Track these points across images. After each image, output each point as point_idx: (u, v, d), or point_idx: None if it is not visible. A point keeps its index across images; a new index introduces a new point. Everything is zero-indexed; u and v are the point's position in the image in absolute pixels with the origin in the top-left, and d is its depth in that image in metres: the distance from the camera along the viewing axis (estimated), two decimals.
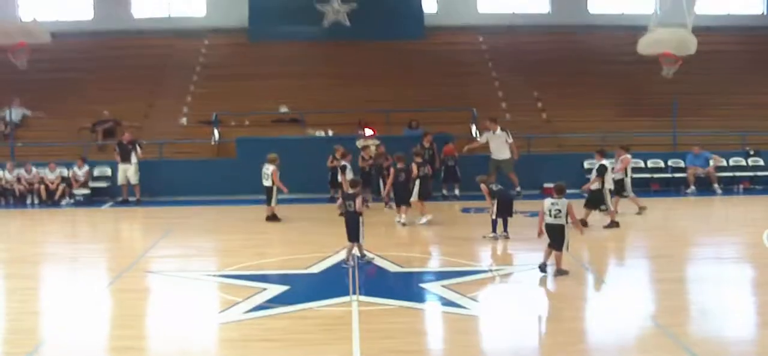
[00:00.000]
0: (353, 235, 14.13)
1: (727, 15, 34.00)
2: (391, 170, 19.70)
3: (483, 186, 17.10)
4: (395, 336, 10.21)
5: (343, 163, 20.51)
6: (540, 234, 13.45)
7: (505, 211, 16.80)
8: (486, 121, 23.93)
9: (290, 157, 21.99)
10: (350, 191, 14.52)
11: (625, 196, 19.80)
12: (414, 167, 18.98)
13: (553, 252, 13.27)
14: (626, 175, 19.94)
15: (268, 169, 19.04)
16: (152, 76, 30.13)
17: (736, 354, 9.70)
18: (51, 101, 28.18)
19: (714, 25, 32.53)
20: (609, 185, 18.45)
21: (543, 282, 13.40)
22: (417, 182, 18.80)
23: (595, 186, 18.28)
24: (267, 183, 19.10)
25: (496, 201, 16.72)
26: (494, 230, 16.71)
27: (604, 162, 18.58)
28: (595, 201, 18.32)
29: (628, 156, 20.05)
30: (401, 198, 19.00)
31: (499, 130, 23.52)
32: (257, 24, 32.29)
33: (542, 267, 13.29)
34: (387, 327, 10.62)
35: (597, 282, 13.31)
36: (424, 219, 18.59)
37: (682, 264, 15.10)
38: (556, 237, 13.24)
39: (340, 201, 14.98)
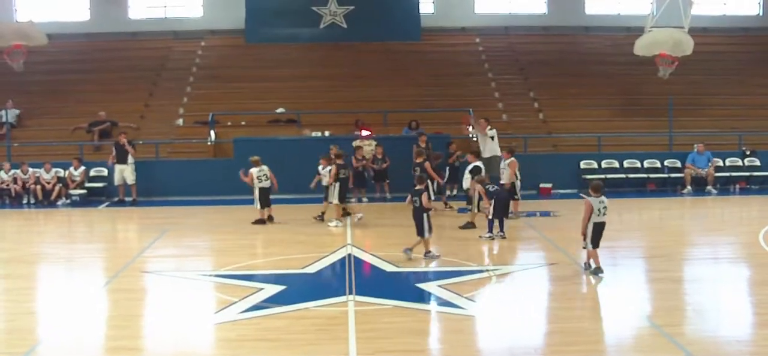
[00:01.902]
0: (420, 230, 14.51)
1: (723, 16, 34.06)
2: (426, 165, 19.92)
3: (479, 187, 17.13)
4: (391, 336, 10.20)
5: (475, 163, 19.34)
6: (584, 234, 13.15)
7: (501, 212, 16.81)
8: (480, 121, 23.93)
9: (287, 157, 22.07)
10: (418, 187, 14.80)
11: (516, 199, 19.19)
12: (427, 166, 19.17)
13: (594, 251, 13.16)
14: (517, 179, 19.33)
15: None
16: (148, 77, 30.14)
17: (732, 353, 9.69)
18: (47, 102, 28.19)
19: (710, 26, 32.67)
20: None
21: (539, 282, 13.42)
22: (336, 185, 18.79)
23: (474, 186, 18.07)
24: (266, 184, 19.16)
25: (492, 202, 16.73)
26: (490, 230, 16.73)
27: (479, 163, 18.51)
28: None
29: (514, 159, 19.23)
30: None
31: (488, 129, 23.51)
32: (254, 25, 32.28)
33: (598, 270, 13.12)
34: (383, 327, 10.61)
35: (593, 282, 13.28)
36: (334, 222, 18.63)
37: (679, 264, 15.10)
38: (599, 236, 13.15)
39: (409, 198, 15.05)
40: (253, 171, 18.96)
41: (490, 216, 16.81)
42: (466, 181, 18.73)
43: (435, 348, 10.27)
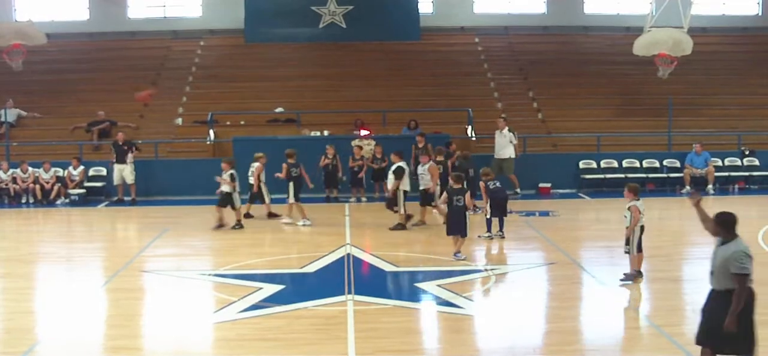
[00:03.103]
0: (460, 229, 14.49)
1: (722, 16, 34.02)
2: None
3: (481, 183, 17.13)
4: (390, 336, 10.21)
5: (399, 164, 18.56)
6: (629, 240, 12.74)
7: (499, 211, 16.83)
8: (498, 120, 24.09)
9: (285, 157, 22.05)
10: (457, 187, 14.68)
11: (433, 206, 18.45)
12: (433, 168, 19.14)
13: (640, 255, 12.84)
14: (439, 185, 18.47)
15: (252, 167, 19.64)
16: (148, 77, 30.09)
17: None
18: (47, 102, 28.16)
19: (710, 26, 32.64)
20: (405, 187, 18.05)
21: (538, 281, 13.43)
22: (290, 185, 18.85)
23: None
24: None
25: (490, 201, 16.74)
26: (489, 229, 16.74)
27: (402, 164, 18.23)
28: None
29: (433, 164, 18.49)
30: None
31: (506, 130, 23.59)
32: (253, 25, 32.24)
33: (639, 273, 12.85)
34: (382, 326, 10.61)
35: (593, 282, 13.29)
36: (302, 222, 18.71)
37: (678, 263, 15.12)
38: (641, 240, 12.86)
39: (443, 197, 15.02)
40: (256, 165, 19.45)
41: (488, 216, 16.82)
42: (390, 182, 18.23)
43: (434, 347, 10.28)
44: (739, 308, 7.84)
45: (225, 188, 18.36)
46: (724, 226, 8.19)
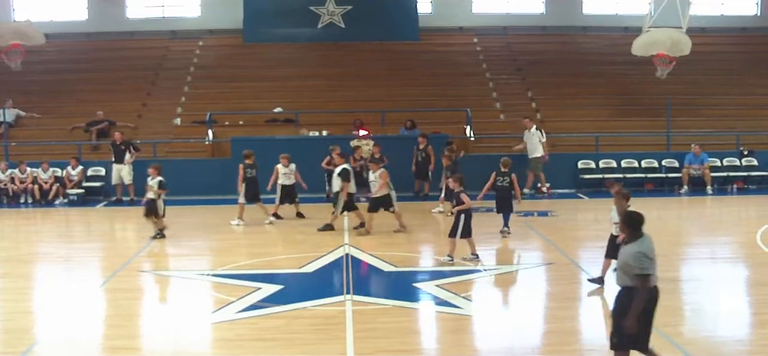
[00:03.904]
0: (453, 232, 14.41)
1: (721, 16, 34.03)
2: (444, 162, 20.48)
3: (493, 174, 17.26)
4: (389, 336, 10.20)
5: (344, 166, 18.47)
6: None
7: (504, 207, 16.97)
8: (525, 120, 24.10)
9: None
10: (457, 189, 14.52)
11: (392, 211, 17.72)
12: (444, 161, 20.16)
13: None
14: (391, 189, 17.66)
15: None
16: (146, 77, 30.12)
17: (729, 353, 9.71)
18: (45, 102, 28.16)
19: (708, 26, 32.66)
20: (350, 189, 17.84)
21: (537, 281, 13.42)
22: (244, 185, 18.98)
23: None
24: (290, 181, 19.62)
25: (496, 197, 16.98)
26: (506, 225, 17.06)
27: (347, 166, 18.09)
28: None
29: (384, 170, 17.80)
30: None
31: (533, 129, 23.59)
32: (252, 25, 32.24)
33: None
34: (381, 326, 10.61)
35: (590, 282, 13.29)
36: (236, 221, 18.88)
37: (676, 263, 15.08)
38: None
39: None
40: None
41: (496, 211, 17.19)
42: (336, 184, 18.06)
43: (432, 347, 10.28)
44: (639, 308, 7.98)
45: (150, 195, 17.47)
46: (629, 226, 8.24)
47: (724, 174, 25.30)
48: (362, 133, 24.50)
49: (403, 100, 28.13)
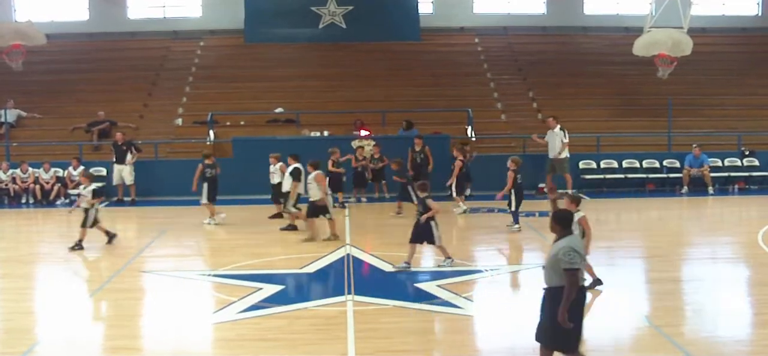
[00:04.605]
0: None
1: (722, 16, 34.02)
2: (457, 163, 20.46)
3: (511, 173, 17.43)
4: (390, 336, 10.21)
5: (295, 165, 17.95)
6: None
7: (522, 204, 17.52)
8: (549, 119, 24.03)
9: (286, 157, 22.07)
10: (422, 195, 14.08)
11: (330, 219, 17.00)
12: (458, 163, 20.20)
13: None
14: (328, 195, 17.24)
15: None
16: (148, 77, 30.13)
17: (730, 353, 9.70)
18: (46, 102, 28.17)
19: (709, 27, 32.64)
20: (299, 189, 17.53)
21: (538, 282, 13.36)
22: (204, 185, 19.04)
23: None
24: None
25: (514, 193, 17.33)
26: (516, 221, 17.37)
27: (298, 165, 17.69)
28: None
29: (320, 172, 17.12)
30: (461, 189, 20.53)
31: (557, 129, 23.47)
32: (253, 25, 32.24)
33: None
34: (382, 326, 10.61)
35: (591, 283, 13.28)
36: (208, 221, 18.97)
37: (677, 264, 15.10)
38: None
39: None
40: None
41: (513, 209, 17.45)
42: (286, 184, 17.72)
43: (434, 348, 10.27)
44: (568, 303, 7.93)
45: (84, 204, 16.63)
46: (559, 223, 8.26)
47: (726, 174, 25.31)
48: (363, 133, 24.50)
49: (403, 101, 28.13)
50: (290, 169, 17.90)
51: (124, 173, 23.43)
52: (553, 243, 8.27)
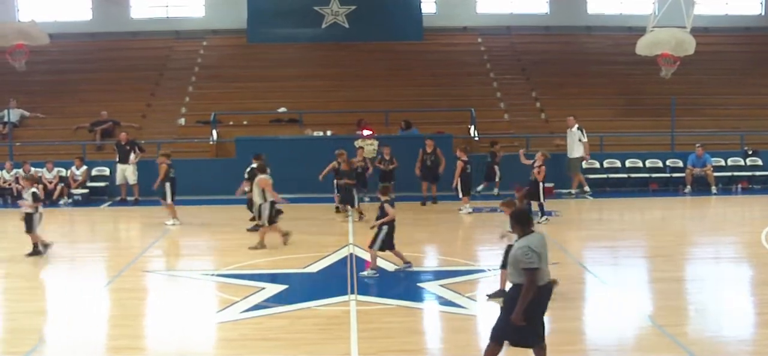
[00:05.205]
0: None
1: (725, 16, 33.98)
2: (459, 163, 20.61)
3: (540, 168, 18.47)
4: (393, 336, 10.21)
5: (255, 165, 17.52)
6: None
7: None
8: (568, 119, 24.11)
9: (288, 156, 22.06)
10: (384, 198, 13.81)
11: (274, 225, 16.48)
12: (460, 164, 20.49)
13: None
14: (265, 200, 16.24)
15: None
16: (150, 77, 30.14)
17: (734, 353, 9.69)
18: (49, 102, 28.20)
19: (712, 26, 32.55)
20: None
21: None
22: (167, 185, 19.11)
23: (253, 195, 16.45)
24: None
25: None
26: (544, 214, 18.11)
27: (254, 166, 17.34)
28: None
29: (265, 177, 16.44)
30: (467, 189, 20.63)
31: (575, 128, 23.41)
32: (255, 25, 32.23)
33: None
34: (385, 326, 10.61)
35: (595, 282, 13.28)
36: (171, 222, 19.00)
37: (681, 263, 15.10)
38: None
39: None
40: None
41: (542, 201, 18.25)
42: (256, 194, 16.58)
43: (436, 347, 10.28)
44: (526, 302, 7.95)
45: (26, 209, 15.94)
46: (519, 222, 8.32)
47: (729, 174, 25.27)
48: (366, 133, 24.49)
49: (406, 100, 28.12)
50: (249, 168, 17.94)
51: (128, 173, 23.44)
52: (515, 242, 8.33)
